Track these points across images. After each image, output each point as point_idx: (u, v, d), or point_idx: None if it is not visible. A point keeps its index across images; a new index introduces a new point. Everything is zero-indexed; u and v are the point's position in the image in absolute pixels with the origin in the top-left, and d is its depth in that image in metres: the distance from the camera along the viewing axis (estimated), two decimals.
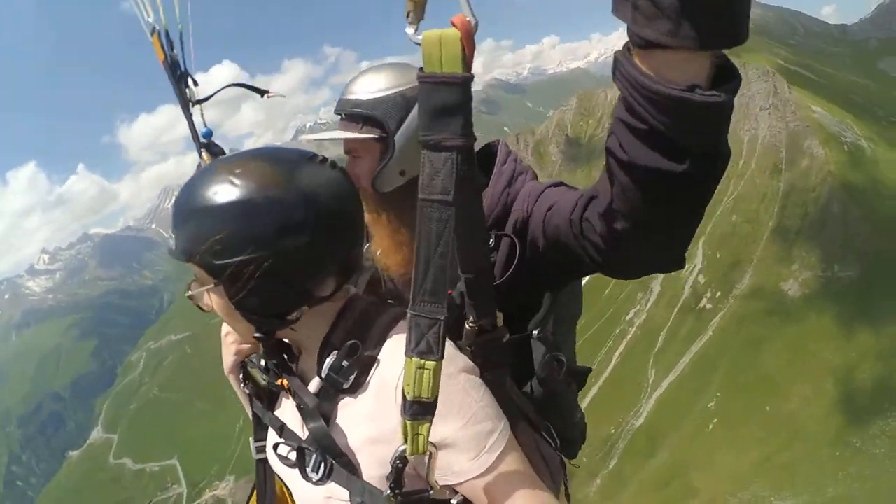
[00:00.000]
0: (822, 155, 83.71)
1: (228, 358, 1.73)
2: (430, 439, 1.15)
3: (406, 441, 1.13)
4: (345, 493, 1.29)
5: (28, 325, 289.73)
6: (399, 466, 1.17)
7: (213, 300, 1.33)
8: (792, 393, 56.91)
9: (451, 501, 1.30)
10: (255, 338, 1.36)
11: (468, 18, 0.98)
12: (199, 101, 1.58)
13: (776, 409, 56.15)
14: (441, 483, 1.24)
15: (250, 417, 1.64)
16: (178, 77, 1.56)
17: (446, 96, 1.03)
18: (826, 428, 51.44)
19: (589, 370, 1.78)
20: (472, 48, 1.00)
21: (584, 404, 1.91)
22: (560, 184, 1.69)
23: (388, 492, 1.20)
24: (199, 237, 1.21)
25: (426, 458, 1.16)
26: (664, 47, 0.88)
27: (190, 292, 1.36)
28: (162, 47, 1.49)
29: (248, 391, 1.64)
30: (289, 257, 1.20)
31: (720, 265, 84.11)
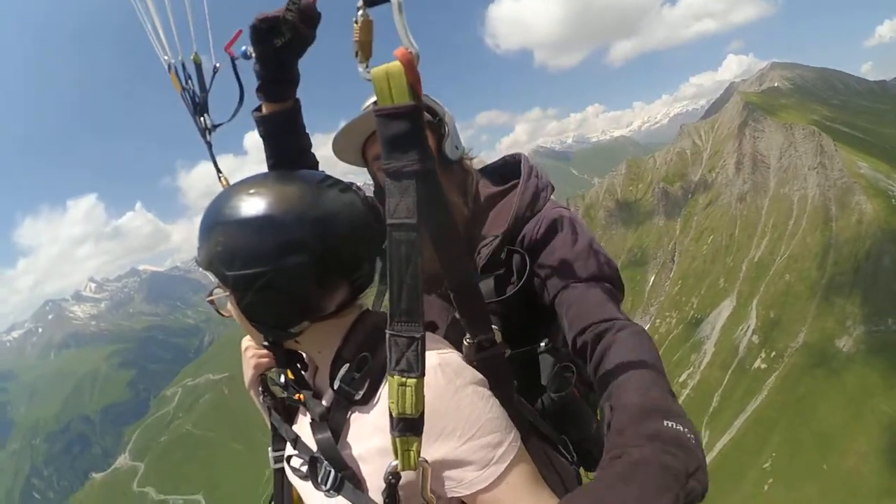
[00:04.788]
0: (871, 209, 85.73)
1: (248, 371, 1.80)
2: (438, 452, 1.21)
3: (396, 457, 1.14)
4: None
5: (68, 347, 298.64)
6: (391, 482, 1.18)
7: (228, 306, 1.43)
8: (849, 449, 56.97)
9: None
10: (264, 346, 1.46)
11: (409, 49, 1.02)
12: (216, 126, 1.68)
13: (834, 467, 56.44)
14: (450, 495, 1.26)
15: (269, 428, 1.70)
16: (196, 108, 1.67)
17: (399, 126, 1.08)
18: (884, 482, 51.50)
19: None
20: (416, 77, 1.05)
21: None
22: (591, 280, 1.70)
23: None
24: (214, 249, 1.32)
25: (419, 473, 1.17)
26: None
27: (211, 297, 1.45)
28: (179, 81, 1.62)
29: (267, 403, 1.69)
30: (289, 274, 1.27)
31: (773, 324, 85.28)
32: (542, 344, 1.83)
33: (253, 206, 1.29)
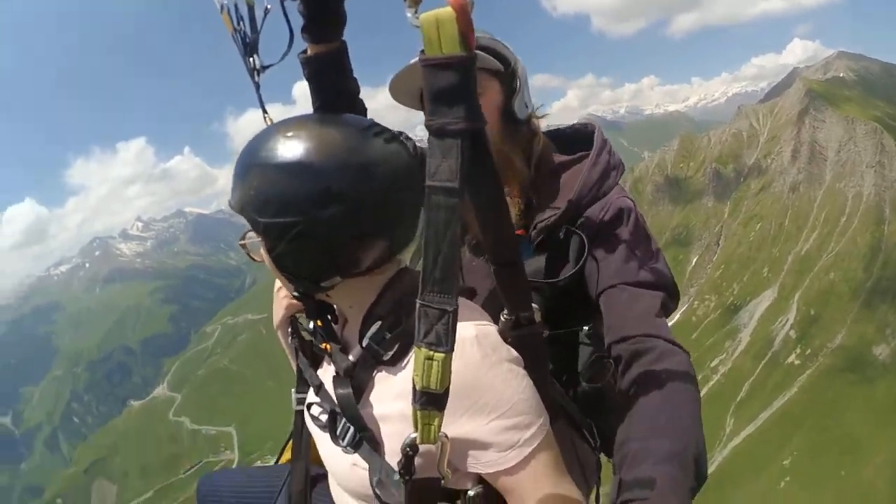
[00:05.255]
0: None
1: (279, 312, 1.79)
2: (464, 428, 1.17)
3: (416, 429, 1.10)
4: (375, 465, 1.28)
5: (113, 282, 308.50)
6: (409, 453, 1.15)
7: (261, 253, 1.36)
8: (870, 459, 56.87)
9: (469, 492, 1.27)
10: (294, 297, 1.42)
11: None
12: (265, 68, 1.64)
13: (852, 474, 56.41)
14: (470, 470, 1.23)
15: (294, 370, 1.67)
16: (246, 48, 1.63)
17: (447, 78, 1.00)
18: None
19: None
20: (469, 27, 0.97)
21: None
22: (645, 286, 1.59)
23: (398, 476, 1.19)
24: (247, 192, 1.25)
25: (437, 447, 1.13)
26: None
27: (243, 241, 1.40)
28: (231, 21, 1.58)
29: (294, 345, 1.67)
30: (324, 225, 1.19)
31: (812, 321, 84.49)
32: (585, 328, 1.73)
33: (291, 149, 1.22)
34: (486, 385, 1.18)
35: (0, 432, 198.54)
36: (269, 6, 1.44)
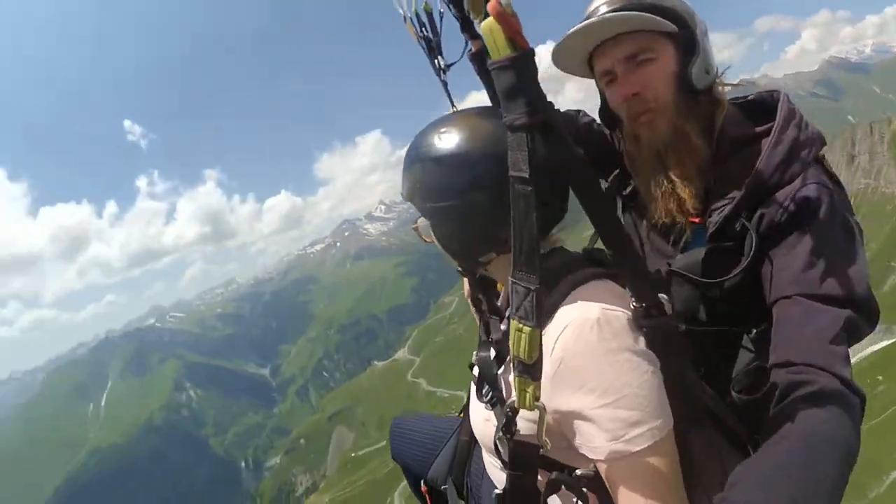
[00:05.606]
0: None
1: (466, 287, 1.93)
2: (574, 404, 1.18)
3: (515, 393, 1.17)
4: (494, 423, 1.35)
5: (361, 258, 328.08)
6: (509, 414, 1.22)
7: (428, 234, 1.48)
8: None
9: (577, 471, 1.28)
10: (458, 271, 1.54)
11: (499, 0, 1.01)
12: (449, 66, 1.69)
13: None
14: (580, 451, 1.23)
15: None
16: (431, 51, 1.69)
17: (507, 78, 1.09)
18: None
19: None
20: (513, 28, 1.04)
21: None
22: (829, 301, 1.31)
23: (500, 433, 1.25)
24: (414, 183, 1.41)
25: (535, 414, 1.17)
26: None
27: (416, 225, 1.51)
28: (414, 29, 1.68)
29: (477, 315, 1.75)
30: (473, 208, 1.31)
31: None
32: (753, 331, 1.50)
33: (444, 143, 1.36)
34: (596, 369, 1.17)
35: (259, 381, 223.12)
36: (442, 10, 1.51)
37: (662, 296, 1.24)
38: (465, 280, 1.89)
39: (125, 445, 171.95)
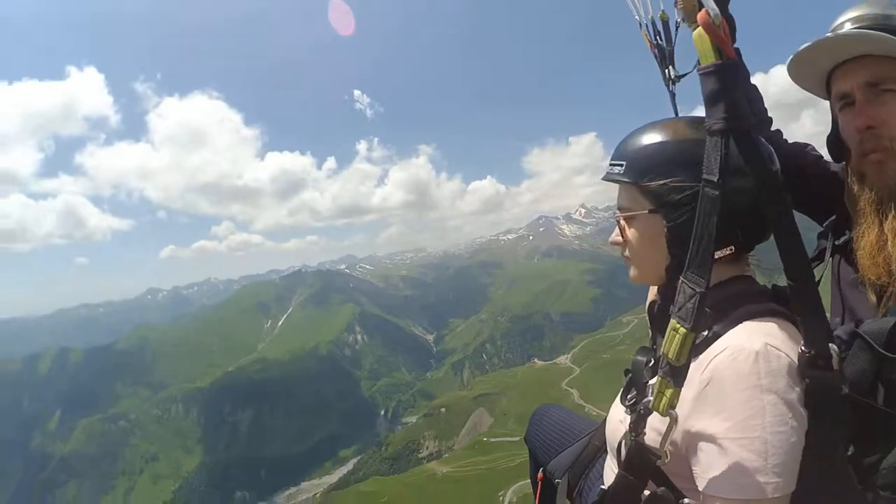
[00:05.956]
0: None
1: (652, 293, 1.86)
2: (707, 426, 1.15)
3: (652, 394, 1.16)
4: (627, 424, 1.34)
5: (550, 256, 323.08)
6: (641, 413, 1.22)
7: (639, 227, 1.44)
8: None
9: (684, 500, 1.25)
10: (663, 274, 1.47)
11: (706, 9, 1.07)
12: (679, 77, 1.65)
13: None
14: (695, 479, 1.20)
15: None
16: (664, 60, 1.66)
17: (710, 84, 1.14)
18: None
19: None
20: (719, 37, 1.09)
21: None
22: None
23: (627, 430, 1.26)
24: (658, 160, 1.35)
25: (665, 422, 1.15)
26: None
27: (623, 214, 1.48)
28: (648, 36, 1.67)
29: (650, 321, 1.73)
30: (730, 196, 1.21)
31: None
32: None
33: (686, 126, 1.37)
34: (737, 400, 1.12)
35: (422, 345, 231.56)
36: (679, 20, 1.45)
37: (833, 346, 1.16)
38: (652, 292, 1.84)
39: (287, 363, 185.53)
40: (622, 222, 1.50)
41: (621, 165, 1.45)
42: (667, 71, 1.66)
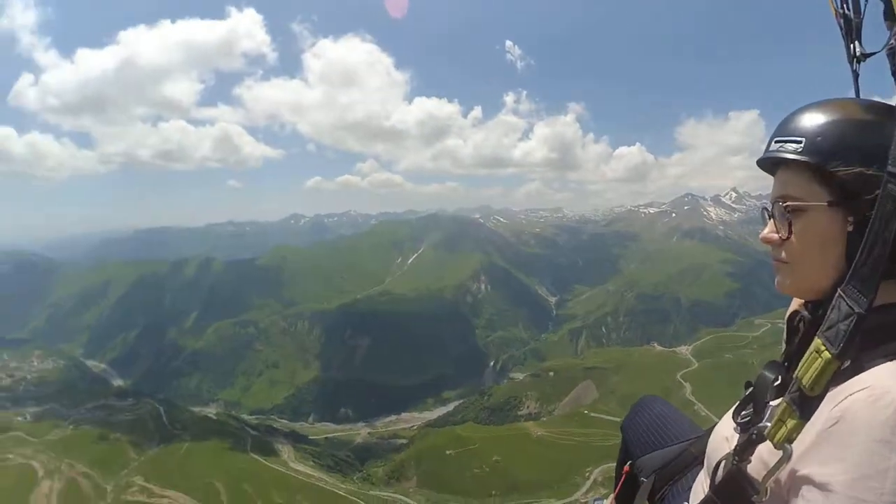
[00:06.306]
0: None
1: (794, 304, 1.62)
2: (817, 472, 1.01)
3: (771, 419, 1.05)
4: (733, 444, 1.23)
5: (691, 238, 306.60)
6: (753, 437, 1.10)
7: (811, 224, 1.22)
8: None
9: None
10: (830, 283, 1.24)
11: None
12: (866, 56, 1.45)
13: None
14: None
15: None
16: (849, 34, 1.46)
17: None
18: None
19: None
20: None
21: None
22: None
23: (732, 451, 1.16)
24: (851, 142, 1.14)
25: (776, 455, 1.04)
26: None
27: (791, 204, 1.25)
28: (834, 3, 1.49)
29: (787, 335, 1.56)
30: None
31: None
32: None
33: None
34: (860, 453, 0.97)
35: (543, 305, 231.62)
36: None
37: None
38: (795, 303, 1.63)
39: (410, 299, 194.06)
40: (783, 215, 1.27)
41: (798, 142, 1.22)
42: (852, 46, 1.47)
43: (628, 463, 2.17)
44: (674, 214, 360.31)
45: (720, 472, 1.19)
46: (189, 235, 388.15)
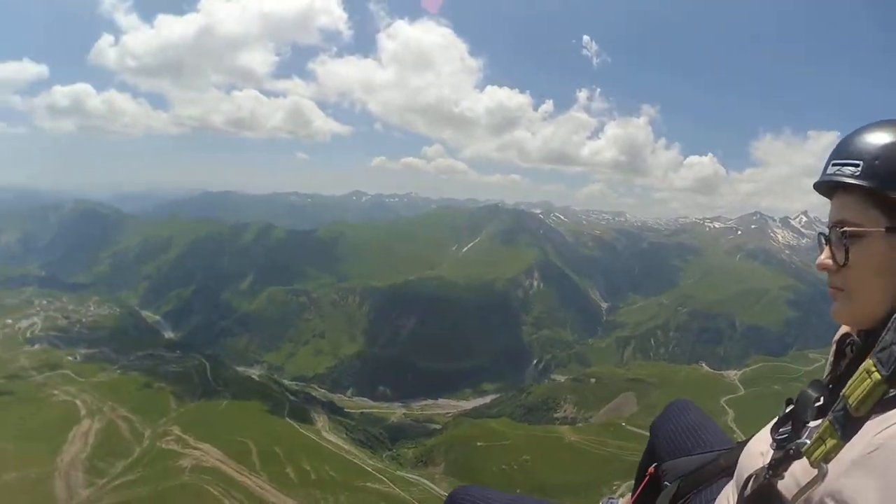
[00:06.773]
0: None
1: (844, 328, 1.53)
2: (844, 493, 0.98)
3: (811, 437, 1.02)
4: (768, 459, 1.21)
5: (754, 259, 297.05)
6: (790, 453, 1.07)
7: (869, 250, 1.19)
8: None
9: None
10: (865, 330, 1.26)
11: None
12: None
13: None
14: None
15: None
16: None
17: None
18: None
19: None
20: None
21: None
22: None
23: (766, 465, 1.13)
24: None
25: (810, 473, 1.01)
26: None
27: (849, 229, 1.22)
28: None
29: (834, 356, 1.54)
30: None
31: None
32: None
33: None
34: (888, 485, 0.93)
35: (594, 310, 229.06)
36: None
37: None
38: (841, 330, 1.57)
39: (462, 287, 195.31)
40: (840, 241, 1.22)
41: (856, 166, 1.18)
42: None
43: (654, 465, 2.13)
44: (739, 232, 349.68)
45: (750, 487, 1.17)
46: (253, 202, 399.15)
